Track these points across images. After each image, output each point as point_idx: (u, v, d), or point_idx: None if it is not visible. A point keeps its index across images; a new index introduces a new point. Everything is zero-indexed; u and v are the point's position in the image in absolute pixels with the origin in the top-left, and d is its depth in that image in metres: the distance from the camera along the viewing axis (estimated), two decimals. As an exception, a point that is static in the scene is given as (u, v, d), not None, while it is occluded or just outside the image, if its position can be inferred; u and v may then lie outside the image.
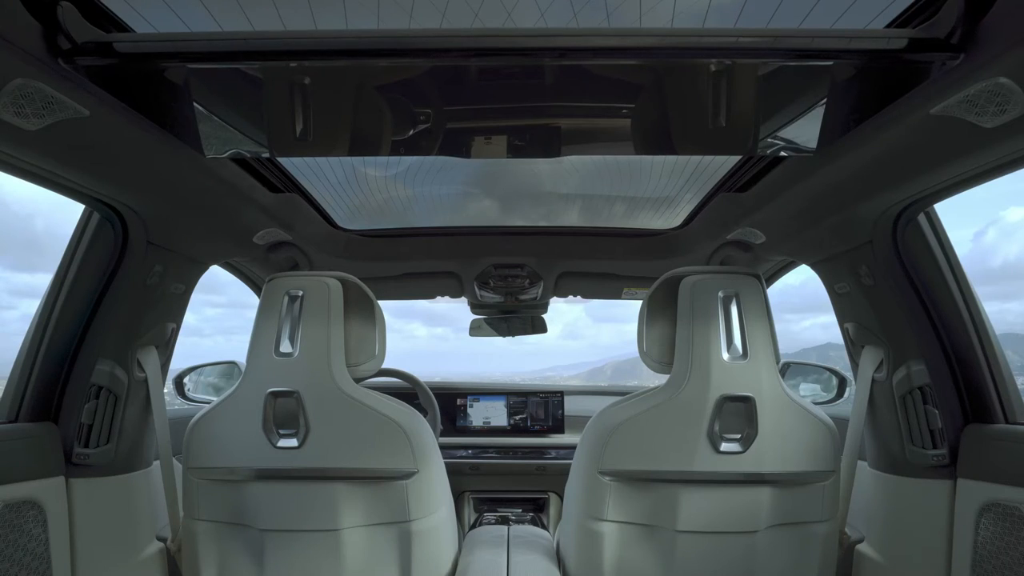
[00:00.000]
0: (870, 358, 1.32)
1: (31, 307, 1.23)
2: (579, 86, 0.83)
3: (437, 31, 0.75)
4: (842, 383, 1.76)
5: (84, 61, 0.72)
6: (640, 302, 1.25)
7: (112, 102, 0.83)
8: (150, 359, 1.36)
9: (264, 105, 0.87)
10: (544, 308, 2.29)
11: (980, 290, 1.21)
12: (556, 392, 2.38)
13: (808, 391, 1.91)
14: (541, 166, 1.37)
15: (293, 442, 1.10)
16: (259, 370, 1.12)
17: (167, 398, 1.45)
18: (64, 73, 0.74)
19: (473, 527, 1.97)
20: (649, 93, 0.85)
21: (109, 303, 1.29)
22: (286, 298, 1.15)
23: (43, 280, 1.24)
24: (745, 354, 1.10)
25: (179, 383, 1.86)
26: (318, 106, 0.85)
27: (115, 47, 0.72)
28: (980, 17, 0.65)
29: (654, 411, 1.12)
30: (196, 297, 1.57)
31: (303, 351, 1.12)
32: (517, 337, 2.46)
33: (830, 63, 0.71)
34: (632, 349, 1.25)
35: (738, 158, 1.25)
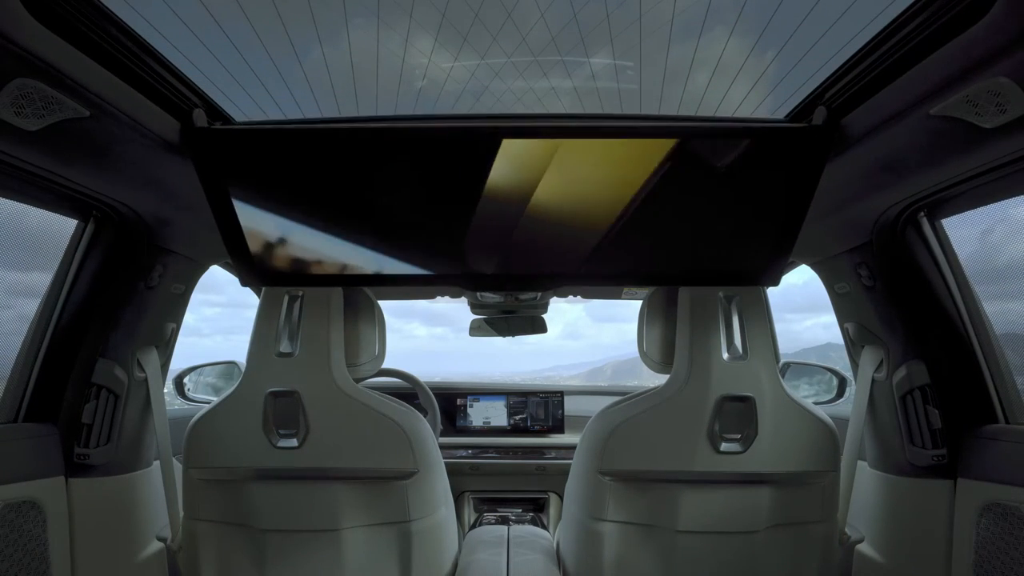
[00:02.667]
0: (870, 358, 1.32)
1: (26, 306, 1.23)
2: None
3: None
4: (842, 383, 1.76)
5: (199, 144, 0.89)
6: (640, 302, 1.25)
7: (112, 102, 0.83)
8: (150, 359, 1.36)
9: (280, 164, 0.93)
10: (544, 308, 2.28)
11: (986, 289, 1.21)
12: (556, 392, 2.38)
13: (808, 391, 1.90)
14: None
15: (293, 442, 1.10)
16: (259, 370, 1.12)
17: (167, 398, 1.45)
18: (68, 75, 0.75)
19: (473, 527, 1.97)
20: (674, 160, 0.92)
21: (109, 303, 1.29)
22: (286, 298, 1.15)
23: (39, 279, 1.23)
24: (745, 354, 1.10)
25: (179, 383, 1.86)
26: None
27: (215, 130, 0.88)
28: (841, 116, 0.88)
29: (654, 411, 1.12)
30: (195, 297, 1.57)
31: (303, 351, 1.12)
32: (517, 337, 2.45)
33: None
34: (632, 349, 1.25)
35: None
